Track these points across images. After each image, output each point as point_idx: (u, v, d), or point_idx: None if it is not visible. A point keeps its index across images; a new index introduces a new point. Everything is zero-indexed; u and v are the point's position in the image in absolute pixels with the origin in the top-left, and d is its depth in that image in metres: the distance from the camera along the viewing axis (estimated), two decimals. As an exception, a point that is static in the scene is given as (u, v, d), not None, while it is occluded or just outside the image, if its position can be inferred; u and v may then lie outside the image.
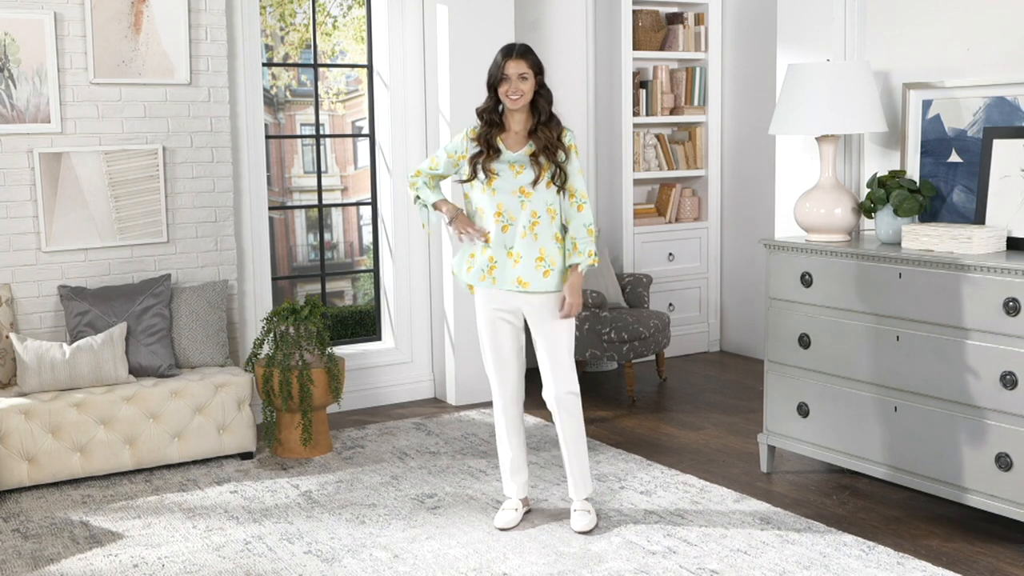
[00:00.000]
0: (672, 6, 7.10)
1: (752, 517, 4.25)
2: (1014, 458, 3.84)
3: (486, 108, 4.04)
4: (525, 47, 3.99)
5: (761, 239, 4.85)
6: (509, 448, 4.22)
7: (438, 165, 4.15)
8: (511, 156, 4.00)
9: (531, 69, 3.95)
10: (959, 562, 3.80)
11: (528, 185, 3.97)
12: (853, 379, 4.39)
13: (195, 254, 5.40)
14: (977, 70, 4.40)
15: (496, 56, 4.00)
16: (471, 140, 4.07)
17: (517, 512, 4.22)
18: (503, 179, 3.99)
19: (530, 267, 3.99)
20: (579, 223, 4.02)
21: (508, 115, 4.04)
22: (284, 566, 3.84)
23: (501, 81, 3.95)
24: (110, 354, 4.83)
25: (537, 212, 3.99)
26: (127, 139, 5.21)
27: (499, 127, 4.04)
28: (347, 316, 6.53)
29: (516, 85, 3.94)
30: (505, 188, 3.99)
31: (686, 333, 7.24)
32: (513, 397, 4.17)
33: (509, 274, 4.01)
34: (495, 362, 4.12)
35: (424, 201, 4.19)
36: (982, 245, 4.00)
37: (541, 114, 4.00)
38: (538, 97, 4.00)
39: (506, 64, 3.94)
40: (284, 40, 6.62)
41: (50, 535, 4.16)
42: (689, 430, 5.53)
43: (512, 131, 4.04)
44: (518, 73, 3.93)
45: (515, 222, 3.99)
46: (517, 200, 3.99)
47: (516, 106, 3.97)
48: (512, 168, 3.99)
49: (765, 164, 6.70)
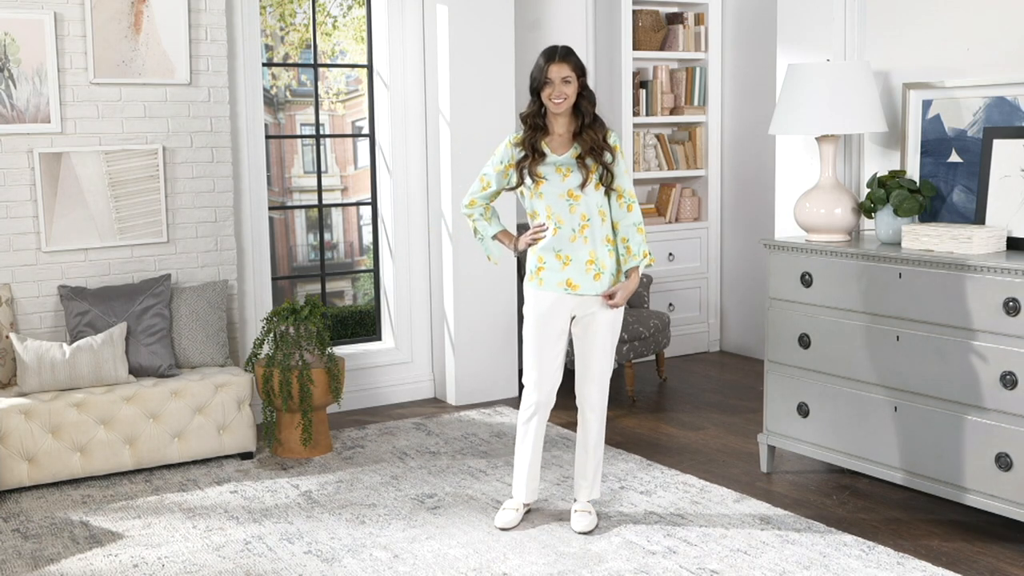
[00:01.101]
0: (672, 6, 7.10)
1: (752, 517, 4.25)
2: (1014, 458, 3.84)
3: (530, 113, 3.99)
4: (567, 49, 3.94)
5: (761, 239, 4.85)
6: (531, 451, 4.16)
7: (489, 183, 4.10)
8: (557, 159, 3.97)
9: (574, 72, 3.90)
10: (959, 562, 3.80)
11: (576, 188, 3.94)
12: (853, 379, 4.39)
13: (195, 254, 5.40)
14: (977, 70, 4.40)
15: (538, 60, 3.95)
16: (515, 146, 4.03)
17: (518, 512, 4.21)
18: (550, 183, 3.96)
19: (580, 270, 3.97)
20: (629, 223, 4.00)
21: (551, 118, 3.99)
22: (284, 566, 3.84)
23: (544, 85, 3.91)
24: (110, 354, 4.83)
25: (587, 215, 3.96)
26: (127, 139, 5.21)
27: (543, 131, 4.00)
28: (347, 316, 6.53)
29: (560, 89, 3.90)
30: (552, 192, 3.96)
31: (686, 333, 7.24)
32: (545, 404, 4.11)
33: (557, 276, 3.98)
34: (537, 366, 4.06)
35: (482, 235, 4.16)
36: (982, 245, 4.00)
37: (585, 116, 3.96)
38: (581, 99, 3.96)
39: (549, 68, 3.89)
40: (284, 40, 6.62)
41: (50, 535, 4.16)
42: (689, 430, 5.53)
43: (556, 134, 4.00)
44: (561, 77, 3.89)
45: (563, 225, 3.96)
46: (565, 203, 3.95)
47: (559, 110, 3.93)
48: (559, 171, 3.96)
49: (765, 164, 6.70)
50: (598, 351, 4.05)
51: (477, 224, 4.17)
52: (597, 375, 4.08)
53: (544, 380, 4.07)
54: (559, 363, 4.08)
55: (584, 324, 4.04)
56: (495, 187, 4.10)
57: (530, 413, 4.12)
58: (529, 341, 4.07)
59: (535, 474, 4.22)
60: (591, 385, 4.09)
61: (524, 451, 4.18)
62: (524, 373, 4.12)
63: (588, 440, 4.15)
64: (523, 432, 4.16)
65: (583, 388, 4.11)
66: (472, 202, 4.15)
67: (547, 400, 4.11)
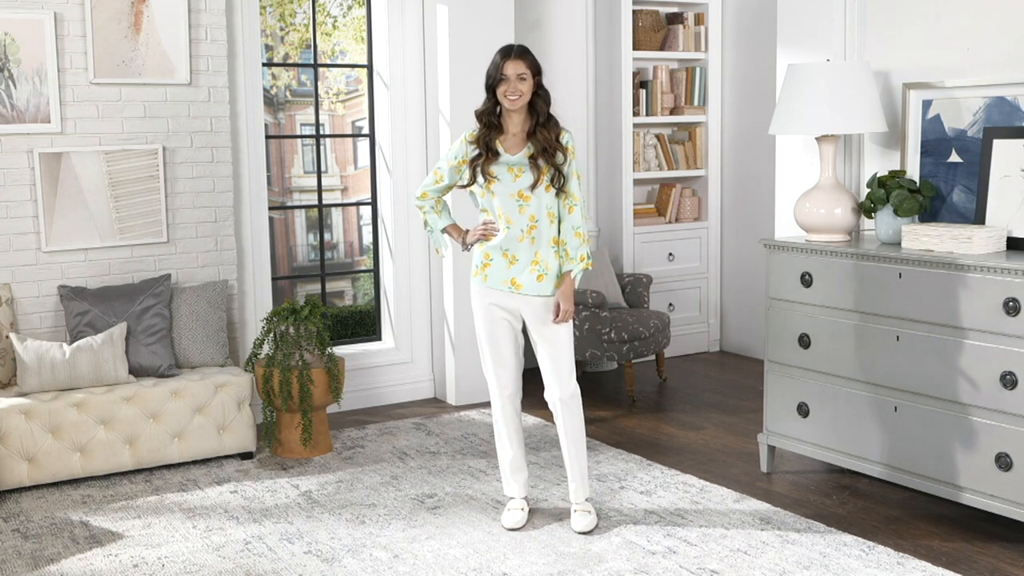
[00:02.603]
0: (672, 6, 7.10)
1: (752, 517, 4.25)
2: (1014, 458, 3.84)
3: (485, 110, 4.02)
4: (523, 48, 3.98)
5: (761, 239, 4.85)
6: (509, 447, 4.21)
7: (442, 177, 4.12)
8: (510, 159, 3.99)
9: (529, 69, 3.93)
10: (959, 562, 3.80)
11: (527, 189, 3.97)
12: (853, 379, 4.39)
13: (195, 254, 5.40)
14: (977, 70, 4.40)
15: (494, 57, 3.98)
16: (470, 144, 4.05)
17: (523, 512, 4.20)
18: (502, 183, 3.98)
19: (525, 270, 4.00)
20: (568, 226, 4.01)
21: (506, 116, 4.02)
22: (284, 566, 3.84)
23: (500, 82, 3.94)
24: (110, 354, 4.83)
25: (535, 216, 3.98)
26: (127, 139, 5.21)
27: (498, 129, 4.02)
28: (347, 316, 6.53)
29: (515, 85, 3.92)
30: (504, 192, 3.99)
31: (686, 333, 7.24)
32: (511, 396, 4.16)
33: (502, 274, 4.01)
34: (493, 360, 4.11)
35: (432, 227, 4.19)
36: (982, 245, 4.00)
37: (539, 115, 3.98)
38: (536, 98, 3.99)
39: (504, 64, 3.92)
40: (284, 40, 6.62)
41: (50, 535, 4.16)
42: (689, 430, 5.53)
43: (510, 133, 4.02)
44: (516, 73, 3.92)
45: (512, 225, 3.99)
46: (516, 204, 3.98)
47: (515, 107, 3.95)
48: (511, 171, 3.98)
49: (765, 164, 6.70)
50: (559, 346, 4.06)
51: (428, 216, 4.19)
52: (564, 371, 4.07)
53: (502, 372, 4.11)
54: (512, 352, 4.11)
55: (535, 324, 4.06)
56: (447, 181, 4.13)
57: (498, 407, 4.16)
58: (481, 337, 4.12)
59: (519, 468, 4.24)
60: (558, 381, 4.08)
61: (503, 449, 4.22)
62: (484, 370, 4.17)
63: (567, 437, 4.15)
64: (497, 430, 4.21)
65: (551, 387, 4.11)
66: (424, 194, 4.17)
67: (512, 391, 4.15)
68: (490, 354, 4.11)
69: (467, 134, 4.08)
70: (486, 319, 4.09)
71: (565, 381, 4.07)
